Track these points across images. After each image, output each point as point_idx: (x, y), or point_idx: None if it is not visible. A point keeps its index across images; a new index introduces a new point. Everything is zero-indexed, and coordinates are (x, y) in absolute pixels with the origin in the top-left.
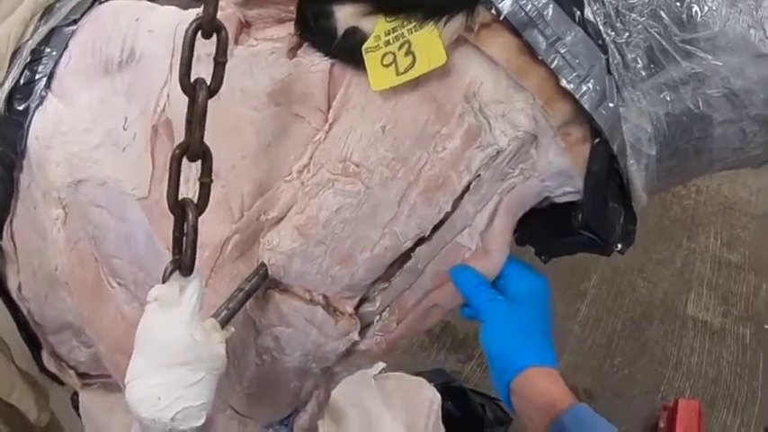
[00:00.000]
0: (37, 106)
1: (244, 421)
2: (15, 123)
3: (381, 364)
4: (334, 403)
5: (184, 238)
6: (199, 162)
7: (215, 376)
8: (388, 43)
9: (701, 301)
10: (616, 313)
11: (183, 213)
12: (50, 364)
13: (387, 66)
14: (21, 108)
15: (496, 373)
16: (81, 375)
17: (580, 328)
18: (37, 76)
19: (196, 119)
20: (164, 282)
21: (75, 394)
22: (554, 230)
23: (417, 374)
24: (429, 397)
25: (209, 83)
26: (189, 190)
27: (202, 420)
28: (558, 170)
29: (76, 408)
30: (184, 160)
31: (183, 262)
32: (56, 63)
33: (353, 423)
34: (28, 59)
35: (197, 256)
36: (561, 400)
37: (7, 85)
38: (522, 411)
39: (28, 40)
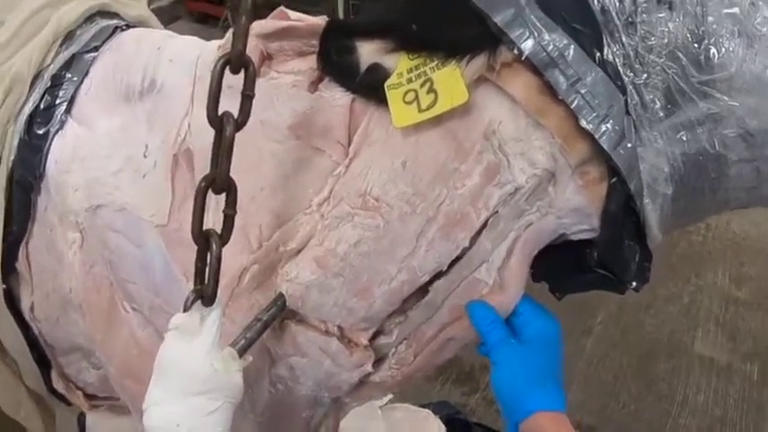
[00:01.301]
0: (57, 131)
1: None
2: (35, 147)
3: (389, 395)
4: None
5: (207, 269)
6: (221, 194)
7: (232, 405)
8: (410, 81)
9: (708, 337)
10: (622, 350)
11: (207, 244)
12: (59, 384)
13: (409, 103)
14: (41, 132)
15: (505, 414)
16: (89, 397)
17: (585, 364)
18: (57, 101)
19: (223, 152)
20: (185, 311)
21: (82, 415)
22: (569, 267)
23: (423, 406)
24: (435, 429)
25: (235, 116)
26: (209, 220)
27: None
28: (575, 208)
29: (82, 429)
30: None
31: (204, 292)
32: (76, 89)
33: None
34: (49, 84)
35: None
36: None
37: (28, 109)
38: None
39: (49, 65)
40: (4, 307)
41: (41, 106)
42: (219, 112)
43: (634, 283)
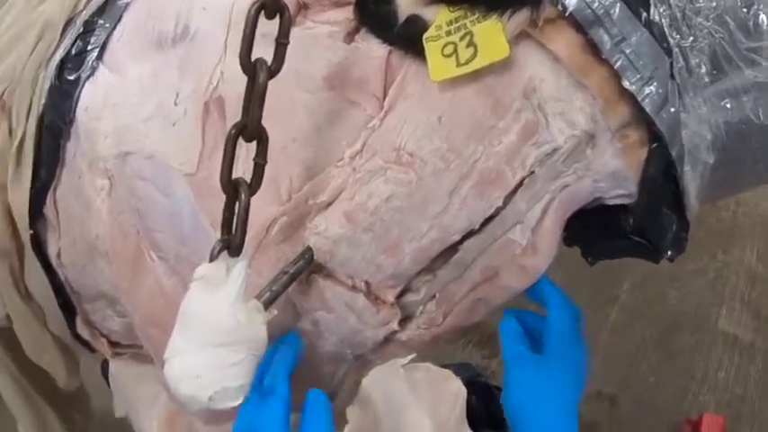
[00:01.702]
0: (88, 77)
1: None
2: (65, 93)
3: (412, 354)
4: (362, 389)
5: (234, 219)
6: (252, 142)
7: (255, 358)
8: (449, 33)
9: (732, 315)
10: (646, 321)
11: (235, 193)
12: (83, 331)
13: (447, 56)
14: (71, 78)
15: None
16: (112, 344)
17: (609, 333)
18: (89, 47)
19: (255, 99)
20: (210, 261)
21: (105, 362)
22: (603, 232)
23: (444, 367)
24: (455, 390)
25: (269, 63)
26: (237, 170)
27: (240, 401)
28: (613, 172)
29: (105, 376)
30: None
31: (231, 242)
32: (108, 35)
33: (379, 409)
34: (80, 30)
35: None
36: None
37: (59, 56)
38: None
39: (81, 11)
40: (32, 252)
41: (73, 52)
42: (253, 59)
43: (669, 252)
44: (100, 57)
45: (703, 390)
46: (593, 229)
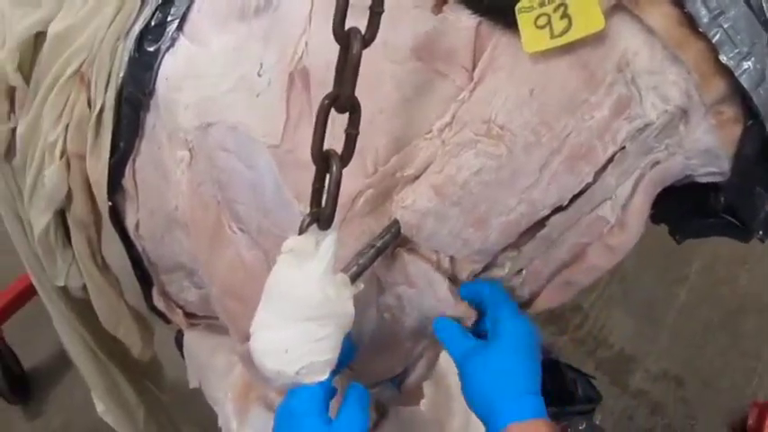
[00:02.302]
0: (168, 48)
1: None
2: (145, 64)
3: None
4: (438, 365)
5: (324, 191)
6: (337, 114)
7: (342, 332)
8: (542, 4)
9: None
10: (713, 302)
11: (326, 165)
12: (159, 302)
13: (541, 27)
14: (151, 49)
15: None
16: (188, 315)
17: (677, 313)
18: (169, 18)
19: (349, 69)
20: (300, 233)
21: (180, 333)
22: (693, 210)
23: None
24: None
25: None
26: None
27: (326, 376)
28: (706, 149)
29: (179, 346)
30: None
31: (321, 215)
32: (188, 6)
33: (453, 384)
34: (160, 2)
35: None
36: None
37: (138, 27)
38: None
39: None
40: (110, 224)
41: (152, 23)
42: (345, 29)
43: (761, 233)
44: (180, 28)
45: None
46: (682, 207)
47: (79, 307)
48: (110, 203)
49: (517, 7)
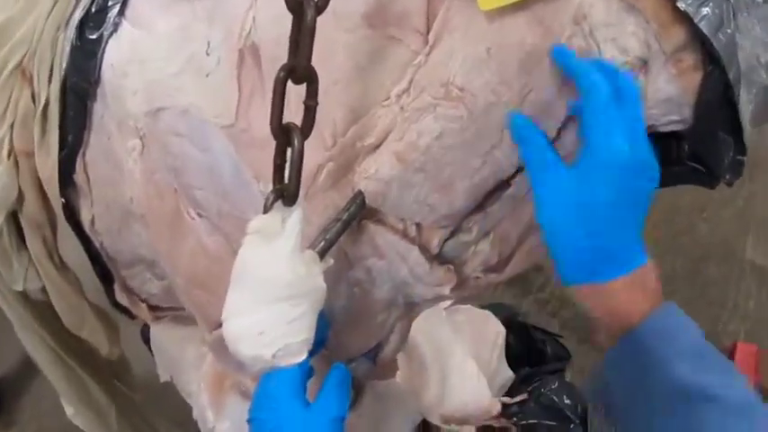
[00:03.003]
0: (111, 34)
1: (327, 358)
2: (88, 52)
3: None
4: (410, 336)
5: (287, 166)
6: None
7: (316, 310)
8: None
9: (759, 244)
10: (674, 253)
11: (287, 139)
12: (122, 298)
13: None
14: (93, 37)
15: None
16: (152, 308)
17: None
18: (110, 3)
19: (304, 38)
20: (265, 212)
21: (146, 327)
22: (658, 160)
23: (481, 308)
24: (495, 330)
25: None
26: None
27: (304, 356)
28: (667, 98)
29: (146, 341)
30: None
31: (286, 191)
32: None
33: (426, 354)
34: None
35: None
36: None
37: (78, 14)
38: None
39: None
40: (64, 221)
41: (93, 10)
42: None
43: (727, 177)
44: (122, 12)
45: (734, 319)
46: None
47: (40, 310)
48: (63, 200)
49: None
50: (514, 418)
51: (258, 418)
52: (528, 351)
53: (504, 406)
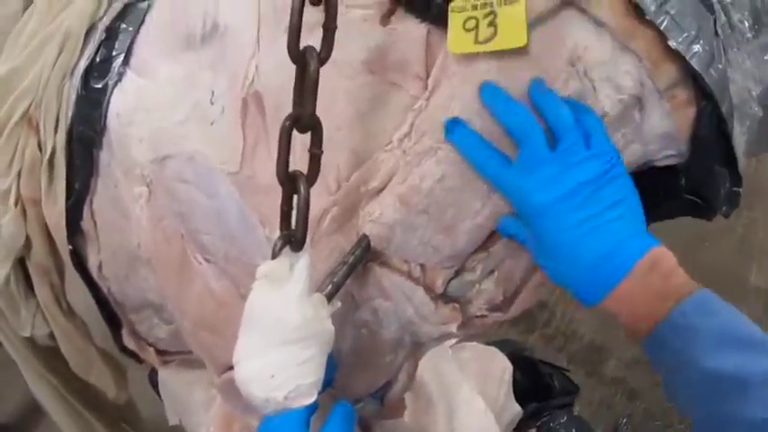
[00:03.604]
0: (115, 83)
1: (334, 397)
2: (93, 101)
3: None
4: (417, 374)
5: (293, 213)
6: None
7: (324, 352)
8: (475, 8)
9: (762, 270)
10: None
11: (293, 186)
12: (130, 342)
13: (468, 30)
14: (98, 86)
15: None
16: (160, 353)
17: None
18: (114, 53)
19: (308, 89)
20: (273, 258)
21: (153, 372)
22: (654, 195)
23: (488, 344)
24: (502, 366)
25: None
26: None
27: (314, 398)
28: (663, 133)
29: (154, 385)
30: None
31: (293, 236)
32: (132, 39)
33: (433, 392)
34: (103, 37)
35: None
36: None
37: (83, 64)
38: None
39: (102, 17)
40: (72, 268)
41: (97, 59)
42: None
43: (724, 208)
44: (126, 62)
45: None
46: (645, 193)
47: (47, 355)
48: (70, 247)
49: (451, 5)
50: None
51: None
52: (535, 386)
53: None
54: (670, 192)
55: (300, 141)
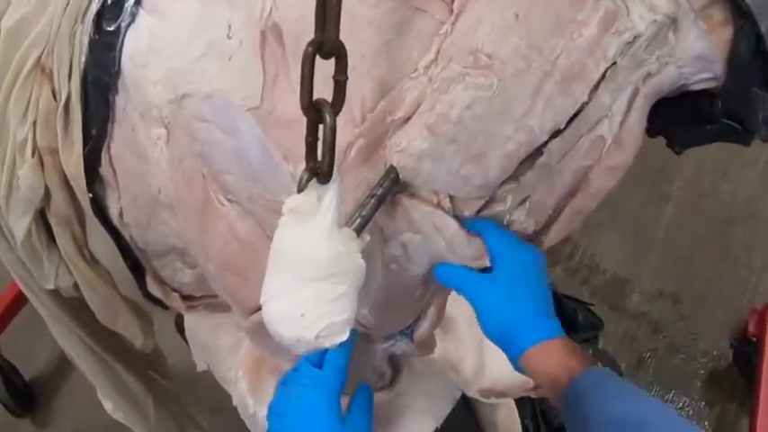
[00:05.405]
0: (128, 25)
1: (366, 335)
2: (107, 45)
3: None
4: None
5: (319, 143)
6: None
7: (357, 288)
8: None
9: None
10: (700, 216)
11: (318, 116)
12: (155, 289)
13: None
14: (111, 29)
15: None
16: (185, 298)
17: (664, 231)
18: None
19: (330, 12)
20: (299, 191)
21: (180, 317)
22: (689, 119)
23: None
24: None
25: None
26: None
27: (346, 336)
28: (698, 55)
29: (180, 331)
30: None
31: (320, 168)
32: None
33: (462, 331)
34: None
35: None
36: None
37: (94, 7)
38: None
39: None
40: (93, 216)
41: (108, 2)
42: None
43: (762, 132)
44: (138, 2)
45: (763, 279)
46: (678, 118)
47: (73, 307)
48: (90, 195)
49: None
50: None
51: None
52: (560, 321)
53: None
54: (706, 116)
55: (322, 73)
